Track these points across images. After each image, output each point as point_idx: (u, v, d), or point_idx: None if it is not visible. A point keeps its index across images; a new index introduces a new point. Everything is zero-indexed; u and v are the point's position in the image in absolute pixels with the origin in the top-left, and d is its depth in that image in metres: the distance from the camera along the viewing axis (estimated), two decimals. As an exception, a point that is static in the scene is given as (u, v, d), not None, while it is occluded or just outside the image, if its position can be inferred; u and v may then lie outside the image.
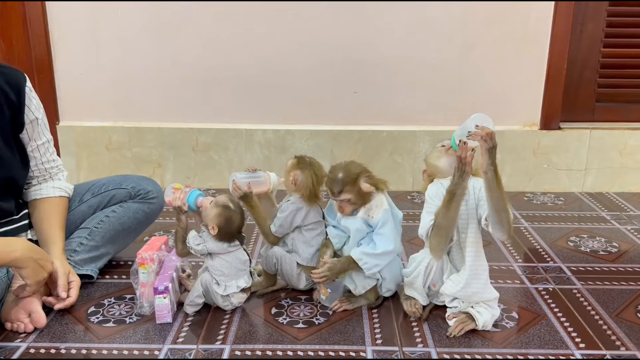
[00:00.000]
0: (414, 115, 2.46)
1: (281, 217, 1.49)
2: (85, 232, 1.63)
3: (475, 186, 1.35)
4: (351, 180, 1.42)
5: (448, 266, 1.42)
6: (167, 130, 2.47)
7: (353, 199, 1.43)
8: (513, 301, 1.54)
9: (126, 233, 1.71)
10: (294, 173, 1.48)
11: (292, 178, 1.48)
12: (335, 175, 1.43)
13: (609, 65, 2.47)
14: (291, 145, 2.47)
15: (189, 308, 1.46)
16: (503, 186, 1.26)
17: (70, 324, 1.42)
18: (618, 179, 2.51)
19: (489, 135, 1.24)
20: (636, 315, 1.47)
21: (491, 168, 1.24)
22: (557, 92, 2.43)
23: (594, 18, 2.41)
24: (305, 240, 1.51)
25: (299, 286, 1.56)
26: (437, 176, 1.40)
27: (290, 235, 1.53)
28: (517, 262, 1.79)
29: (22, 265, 1.31)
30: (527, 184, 2.51)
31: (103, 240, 1.64)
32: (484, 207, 1.32)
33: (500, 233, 1.30)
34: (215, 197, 1.46)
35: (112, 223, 1.65)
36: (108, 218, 1.65)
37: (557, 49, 2.38)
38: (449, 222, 1.31)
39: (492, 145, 1.23)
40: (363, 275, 1.46)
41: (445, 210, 1.30)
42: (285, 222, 1.49)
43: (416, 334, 1.38)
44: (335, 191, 1.43)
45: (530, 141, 2.46)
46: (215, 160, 2.50)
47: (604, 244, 1.95)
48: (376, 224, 1.45)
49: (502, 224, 1.28)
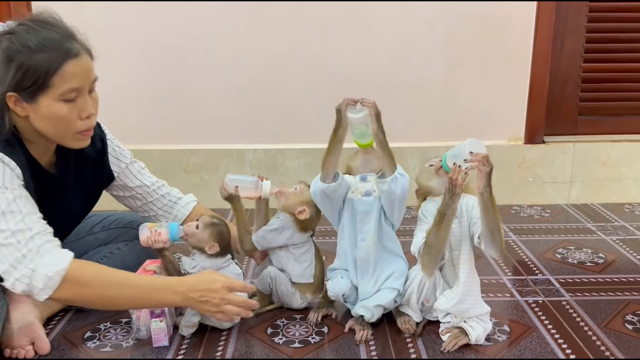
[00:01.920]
0: (402, 132, 2.50)
1: (266, 230, 1.50)
2: None
3: (467, 204, 1.38)
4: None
5: (441, 282, 1.44)
6: (157, 152, 2.48)
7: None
8: (504, 314, 1.57)
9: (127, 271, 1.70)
10: (304, 208, 1.48)
11: (300, 209, 1.48)
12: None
13: (589, 79, 2.53)
14: (282, 164, 2.50)
15: (185, 330, 1.47)
16: (495, 204, 1.30)
17: (67, 350, 1.42)
18: (602, 190, 2.56)
19: (485, 159, 1.27)
20: (624, 325, 1.51)
21: (487, 190, 1.27)
22: (540, 107, 2.49)
23: (574, 34, 2.48)
24: (295, 258, 1.53)
25: (293, 305, 1.57)
26: (430, 195, 1.43)
27: (277, 253, 1.53)
28: (507, 275, 1.83)
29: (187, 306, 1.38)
30: (513, 197, 2.56)
31: None
32: (477, 224, 1.35)
33: (492, 251, 1.33)
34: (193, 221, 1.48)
35: (114, 260, 1.65)
36: (112, 255, 1.66)
37: (539, 65, 2.44)
38: (439, 241, 1.34)
39: (489, 169, 1.27)
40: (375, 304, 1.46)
41: (436, 230, 1.33)
42: (268, 236, 1.50)
43: (411, 349, 1.41)
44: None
45: (515, 155, 2.52)
46: (206, 181, 2.52)
47: (591, 255, 1.99)
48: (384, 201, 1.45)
49: (495, 243, 1.32)
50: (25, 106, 1.26)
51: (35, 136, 1.33)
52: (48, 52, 1.22)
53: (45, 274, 1.22)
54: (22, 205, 1.25)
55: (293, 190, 1.51)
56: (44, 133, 1.31)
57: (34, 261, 1.22)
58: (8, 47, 1.22)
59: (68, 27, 1.30)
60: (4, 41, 1.23)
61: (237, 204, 1.50)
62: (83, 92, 1.29)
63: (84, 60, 1.28)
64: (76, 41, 1.28)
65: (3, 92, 1.23)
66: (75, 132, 1.32)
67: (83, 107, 1.30)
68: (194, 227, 1.45)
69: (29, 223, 1.25)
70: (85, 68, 1.29)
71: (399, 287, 1.46)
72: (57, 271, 1.22)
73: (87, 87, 1.30)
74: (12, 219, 1.23)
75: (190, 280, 1.36)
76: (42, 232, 1.26)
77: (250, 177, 1.53)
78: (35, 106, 1.25)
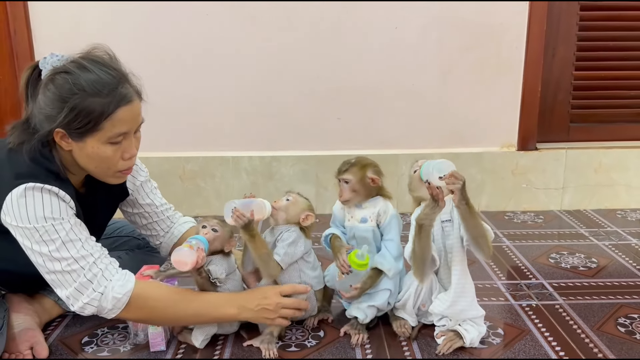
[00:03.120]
0: (396, 139, 2.53)
1: (284, 246, 1.44)
2: None
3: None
4: (360, 165, 1.47)
5: (437, 286, 1.46)
6: (153, 160, 2.49)
7: (354, 184, 1.46)
8: (498, 318, 1.59)
9: None
10: (308, 213, 1.48)
11: (304, 216, 1.47)
12: (349, 159, 1.49)
13: (581, 87, 2.57)
14: (277, 171, 2.51)
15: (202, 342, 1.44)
16: (477, 214, 1.33)
17: (65, 355, 1.43)
18: (594, 196, 2.59)
19: (454, 177, 1.28)
20: (616, 328, 1.53)
21: (463, 202, 1.30)
22: (532, 114, 2.52)
23: (565, 43, 2.52)
24: (311, 266, 1.52)
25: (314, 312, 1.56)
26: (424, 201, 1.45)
27: (294, 266, 1.48)
28: (501, 280, 1.85)
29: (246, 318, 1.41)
30: (507, 204, 2.58)
31: None
32: None
33: (480, 255, 1.36)
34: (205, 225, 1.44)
35: None
36: None
37: (531, 72, 2.47)
38: (421, 250, 1.37)
39: (460, 185, 1.28)
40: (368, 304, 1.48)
41: (417, 239, 1.37)
42: (289, 252, 1.44)
43: (406, 352, 1.42)
44: (342, 169, 1.48)
45: (508, 162, 2.54)
46: (202, 188, 2.54)
47: (584, 259, 2.01)
48: (384, 227, 1.49)
49: (481, 248, 1.35)
50: (70, 142, 1.27)
51: (75, 168, 1.35)
52: (103, 97, 1.22)
53: (114, 296, 1.28)
54: (79, 233, 1.29)
55: (286, 202, 1.49)
56: (85, 169, 1.33)
57: (102, 284, 1.28)
58: (62, 87, 1.22)
59: (122, 69, 1.31)
60: (59, 79, 1.23)
61: (255, 229, 1.41)
62: (129, 135, 1.30)
63: (135, 106, 1.29)
64: (130, 84, 1.29)
65: (52, 128, 1.24)
66: (116, 171, 1.34)
67: (127, 148, 1.31)
68: (210, 231, 1.41)
69: (88, 249, 1.29)
70: (136, 113, 1.30)
71: (391, 287, 1.48)
72: (125, 292, 1.29)
73: (134, 129, 1.32)
74: (72, 247, 1.27)
75: (243, 294, 1.44)
76: (102, 255, 1.31)
77: (251, 200, 1.45)
78: (82, 144, 1.27)
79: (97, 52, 1.30)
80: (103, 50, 1.30)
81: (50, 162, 1.30)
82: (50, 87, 1.23)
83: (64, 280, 1.27)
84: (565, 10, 2.48)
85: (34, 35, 2.37)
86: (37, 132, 1.26)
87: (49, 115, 1.23)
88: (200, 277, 1.40)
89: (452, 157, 2.47)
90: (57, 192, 1.27)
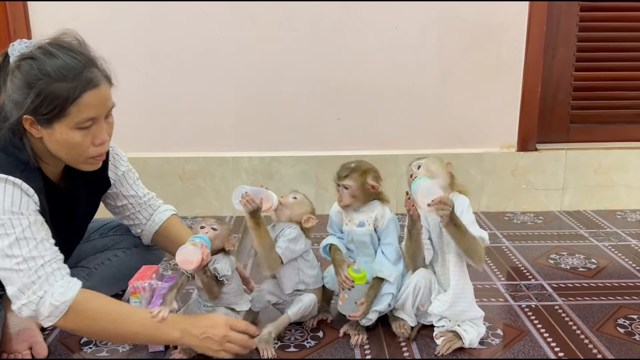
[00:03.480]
0: (396, 139, 2.53)
1: (285, 241, 1.44)
2: (85, 271, 1.62)
3: (458, 204, 1.40)
4: (360, 171, 1.47)
5: (436, 287, 1.46)
6: (153, 160, 2.50)
7: (354, 190, 1.46)
8: (497, 319, 1.59)
9: (124, 278, 1.68)
10: (310, 216, 1.48)
11: (306, 218, 1.48)
12: (348, 164, 1.49)
13: (581, 88, 2.57)
14: (277, 172, 2.51)
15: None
16: (465, 231, 1.34)
17: (64, 355, 1.43)
18: (594, 197, 2.59)
19: (442, 204, 1.29)
20: (616, 329, 1.53)
21: (451, 224, 1.31)
22: (532, 115, 2.52)
23: (565, 43, 2.52)
24: (310, 265, 1.52)
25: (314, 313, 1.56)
26: None
27: (292, 264, 1.48)
28: (500, 281, 1.84)
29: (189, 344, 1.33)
30: (506, 204, 2.58)
31: (101, 283, 1.61)
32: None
33: (471, 263, 1.39)
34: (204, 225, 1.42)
35: (112, 267, 1.66)
36: (109, 262, 1.67)
37: (531, 73, 2.47)
38: (413, 249, 1.43)
39: (449, 211, 1.29)
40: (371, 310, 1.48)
41: (409, 242, 1.43)
42: (290, 247, 1.45)
43: (405, 353, 1.42)
44: (342, 175, 1.47)
45: (508, 162, 2.54)
46: (202, 188, 2.54)
47: (583, 260, 2.01)
48: (381, 231, 1.50)
49: (472, 258, 1.37)
50: (40, 129, 1.26)
51: (48, 157, 1.34)
52: (68, 82, 1.21)
53: (51, 302, 1.22)
54: (36, 232, 1.26)
55: (292, 200, 1.50)
56: (57, 156, 1.32)
57: (42, 288, 1.23)
58: (28, 73, 1.21)
59: (90, 53, 1.29)
60: (24, 65, 1.22)
61: (261, 218, 1.40)
62: (99, 120, 1.29)
63: (103, 90, 1.27)
64: (97, 69, 1.28)
65: (20, 115, 1.23)
66: (88, 158, 1.32)
67: (97, 134, 1.29)
68: (210, 230, 1.40)
69: (41, 250, 1.25)
70: (103, 97, 1.28)
71: (393, 291, 1.48)
72: (64, 301, 1.23)
73: (103, 115, 1.30)
74: (25, 245, 1.24)
75: (192, 318, 1.35)
76: (53, 259, 1.27)
77: (260, 189, 1.45)
78: (51, 131, 1.25)
79: (65, 38, 1.28)
80: (72, 36, 1.29)
81: (20, 151, 1.28)
82: (16, 73, 1.22)
83: (11, 278, 1.23)
84: (565, 11, 2.48)
85: (34, 36, 2.37)
86: (7, 120, 1.25)
87: (17, 102, 1.23)
88: (205, 276, 1.37)
89: (452, 157, 2.47)
90: (21, 185, 1.25)
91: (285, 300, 1.52)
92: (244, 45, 2.41)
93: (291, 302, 1.50)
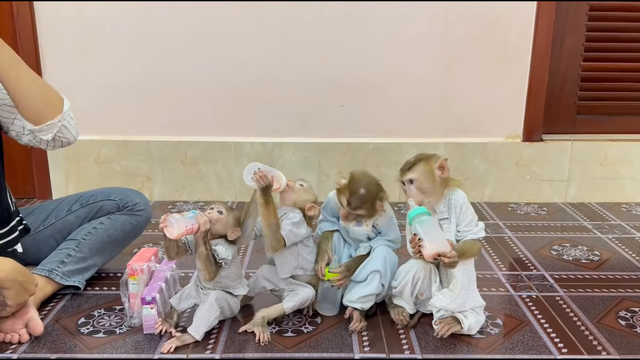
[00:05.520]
0: (400, 128, 2.50)
1: (289, 224, 1.43)
2: (73, 243, 1.64)
3: (456, 203, 1.41)
4: (372, 200, 1.44)
5: (436, 278, 1.45)
6: (155, 144, 2.49)
7: (364, 215, 1.47)
8: (497, 308, 1.57)
9: (113, 245, 1.72)
10: (313, 205, 1.47)
11: (309, 206, 1.46)
12: (357, 189, 1.43)
13: (588, 78, 2.54)
14: (279, 158, 2.50)
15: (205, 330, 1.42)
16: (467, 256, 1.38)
17: (61, 335, 1.43)
18: (599, 189, 2.57)
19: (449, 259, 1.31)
20: (617, 321, 1.51)
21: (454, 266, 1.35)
22: (538, 105, 2.49)
23: (574, 33, 2.48)
24: (310, 250, 1.51)
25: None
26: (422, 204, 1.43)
27: (293, 249, 1.47)
28: (502, 271, 1.83)
29: (5, 286, 1.31)
30: (510, 195, 2.56)
31: (91, 252, 1.65)
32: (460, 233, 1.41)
33: None
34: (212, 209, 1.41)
35: (99, 235, 1.67)
36: (96, 230, 1.67)
37: (538, 63, 2.44)
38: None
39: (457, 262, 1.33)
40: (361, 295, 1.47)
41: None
42: (294, 230, 1.43)
43: (403, 340, 1.41)
44: (353, 205, 1.43)
45: (513, 153, 2.52)
46: (203, 173, 2.52)
47: (586, 252, 1.99)
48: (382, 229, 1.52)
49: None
50: None
51: None
52: None
53: None
54: None
55: (299, 186, 1.49)
56: None
57: None
58: None
59: None
60: None
61: (271, 196, 1.38)
62: None
63: None
64: None
65: None
66: None
67: None
68: (215, 213, 1.40)
69: None
70: None
71: (379, 268, 1.45)
72: None
73: None
74: None
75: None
76: None
77: (272, 168, 1.43)
78: None
79: None
80: None
81: None
82: None
83: None
84: (575, 1, 2.44)
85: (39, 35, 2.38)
86: None
87: None
88: (205, 248, 1.37)
89: (456, 146, 2.47)
90: None
91: (280, 287, 1.51)
92: (248, 30, 2.39)
93: (288, 292, 1.49)
